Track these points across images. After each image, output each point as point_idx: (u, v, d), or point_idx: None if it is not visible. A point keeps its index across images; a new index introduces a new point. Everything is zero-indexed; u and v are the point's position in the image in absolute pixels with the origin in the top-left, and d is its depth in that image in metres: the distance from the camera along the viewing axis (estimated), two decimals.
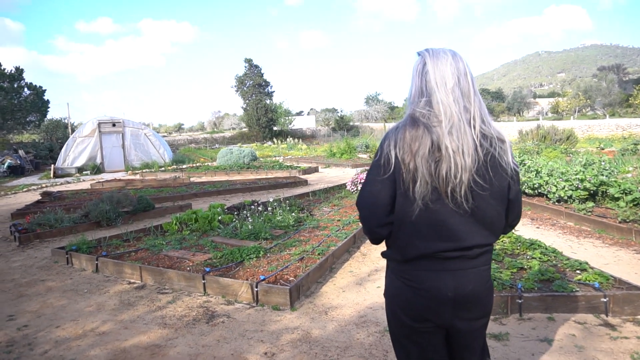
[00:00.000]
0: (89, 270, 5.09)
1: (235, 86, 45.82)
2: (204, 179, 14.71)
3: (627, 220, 5.79)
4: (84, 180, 16.05)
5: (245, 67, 45.34)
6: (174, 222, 6.43)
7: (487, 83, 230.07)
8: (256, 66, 45.26)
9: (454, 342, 1.62)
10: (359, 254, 5.43)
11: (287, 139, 34.48)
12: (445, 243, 1.48)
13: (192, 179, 14.24)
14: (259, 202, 7.68)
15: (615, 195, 6.63)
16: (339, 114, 52.86)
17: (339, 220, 6.79)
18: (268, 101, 44.92)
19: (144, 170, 18.02)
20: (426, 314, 1.53)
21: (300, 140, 34.84)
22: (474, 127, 1.43)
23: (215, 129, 74.67)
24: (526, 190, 7.89)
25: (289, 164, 17.81)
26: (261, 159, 20.67)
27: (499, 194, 1.49)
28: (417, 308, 1.53)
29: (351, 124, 51.24)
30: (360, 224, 1.70)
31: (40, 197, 10.55)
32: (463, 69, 1.48)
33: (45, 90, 31.99)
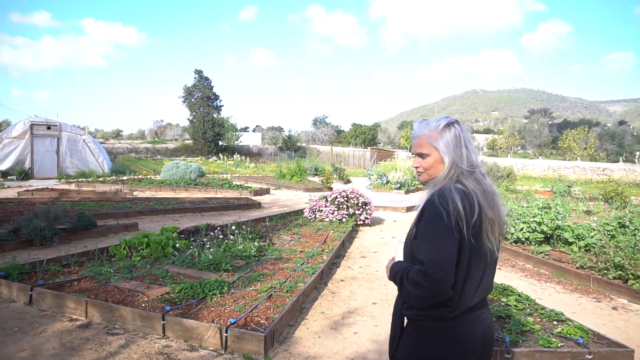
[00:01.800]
0: (20, 302, 4.39)
1: (182, 97, 44.24)
2: (148, 194, 13.81)
3: (585, 267, 5.96)
4: (9, 187, 14.52)
5: (195, 78, 44.01)
6: (123, 246, 5.81)
7: (428, 114, 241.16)
8: (206, 78, 44.08)
9: None
10: (327, 292, 5.14)
11: (234, 156, 33.71)
12: (484, 292, 1.67)
13: (135, 194, 13.31)
14: (216, 227, 7.19)
15: (569, 240, 6.87)
16: (286, 134, 52.83)
17: (301, 252, 6.47)
18: (216, 115, 43.84)
19: (79, 180, 16.68)
20: None
21: (248, 158, 34.21)
22: None
23: (156, 139, 71.90)
24: None
25: (238, 183, 17.25)
26: (208, 176, 19.90)
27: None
28: None
29: (298, 144, 51.31)
30: (417, 289, 1.58)
31: None
32: None
33: None
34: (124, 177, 18.55)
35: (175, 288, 4.51)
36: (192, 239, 6.54)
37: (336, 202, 9.30)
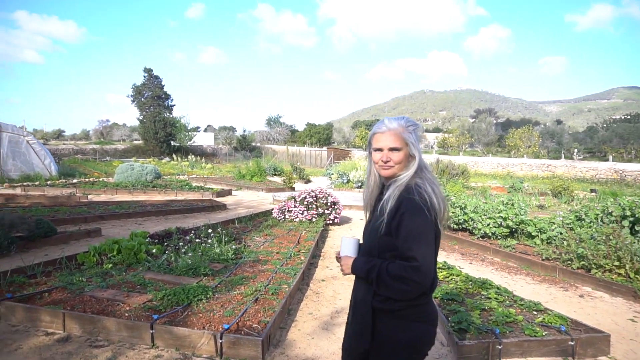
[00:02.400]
0: None
1: (131, 96, 42.59)
2: (104, 197, 13.18)
3: (550, 259, 6.30)
4: None
5: (145, 77, 42.43)
6: (92, 253, 5.52)
7: (379, 114, 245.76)
8: (156, 77, 42.62)
9: None
10: (311, 293, 5.13)
11: (189, 156, 32.82)
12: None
13: (90, 197, 12.66)
14: (189, 230, 6.98)
15: (532, 234, 7.23)
16: (241, 134, 52.10)
17: (278, 253, 6.42)
18: (167, 114, 42.54)
19: (25, 184, 15.66)
20: (433, 341, 1.86)
21: (203, 158, 33.44)
22: None
23: (102, 139, 68.92)
24: (451, 225, 8.29)
25: (197, 185, 16.84)
26: (165, 177, 19.27)
27: None
28: (432, 339, 1.84)
29: (253, 144, 50.74)
30: (402, 285, 1.67)
31: None
32: None
33: None
34: (74, 180, 17.56)
35: (157, 295, 4.34)
36: (164, 243, 6.32)
37: (305, 202, 9.29)
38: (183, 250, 5.81)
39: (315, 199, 9.34)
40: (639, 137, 48.75)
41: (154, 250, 5.78)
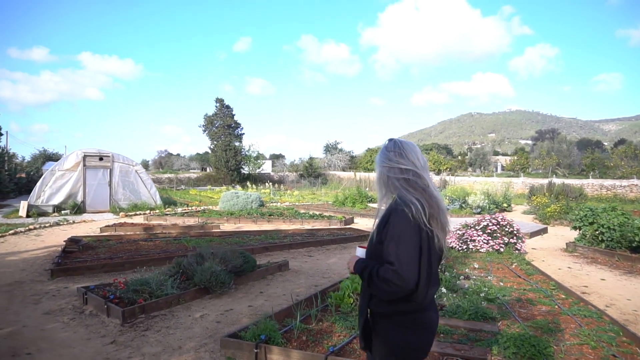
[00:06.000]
0: None
1: (203, 126, 43.58)
2: (229, 226, 12.75)
3: None
4: (74, 222, 13.42)
5: (216, 107, 43.41)
6: (346, 293, 4.81)
7: (425, 139, 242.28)
8: (227, 107, 43.51)
9: None
10: None
11: (266, 184, 32.74)
12: (438, 284, 1.89)
13: (221, 227, 12.28)
14: None
15: None
16: (307, 161, 52.12)
17: (524, 290, 5.53)
18: (237, 143, 43.11)
19: (138, 213, 15.66)
20: (428, 348, 1.87)
21: (280, 185, 33.27)
22: None
23: (160, 169, 71.29)
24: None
25: (305, 212, 16.24)
26: (271, 205, 18.93)
27: None
28: (427, 346, 1.85)
29: (318, 171, 50.51)
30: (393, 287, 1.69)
31: (65, 245, 8.26)
32: None
33: None
34: (179, 209, 17.51)
35: (496, 348, 3.54)
36: None
37: (487, 230, 8.36)
38: (444, 290, 5.00)
39: (498, 226, 8.40)
40: None
41: None
